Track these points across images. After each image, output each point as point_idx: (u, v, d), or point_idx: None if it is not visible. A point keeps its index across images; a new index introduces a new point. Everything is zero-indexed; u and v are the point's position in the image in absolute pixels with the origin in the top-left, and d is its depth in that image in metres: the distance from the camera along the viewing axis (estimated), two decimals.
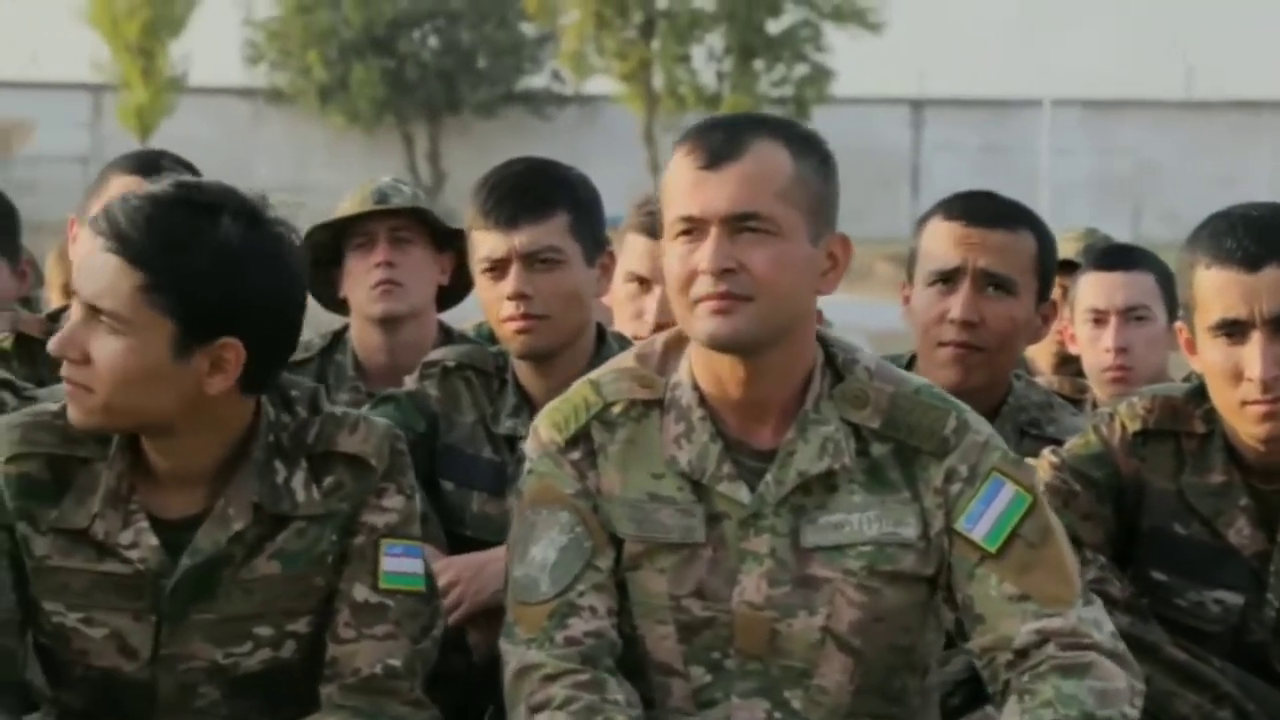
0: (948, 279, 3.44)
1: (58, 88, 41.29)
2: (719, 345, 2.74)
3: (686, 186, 2.72)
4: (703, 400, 2.79)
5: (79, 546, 2.79)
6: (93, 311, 2.69)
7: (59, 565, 2.79)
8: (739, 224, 2.70)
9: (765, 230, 2.69)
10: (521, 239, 3.46)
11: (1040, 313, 3.51)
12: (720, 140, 2.71)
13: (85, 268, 2.71)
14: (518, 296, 3.45)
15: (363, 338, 4.11)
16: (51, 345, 2.74)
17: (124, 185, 3.68)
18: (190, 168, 3.83)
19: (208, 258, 2.67)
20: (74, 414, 2.74)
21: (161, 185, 2.74)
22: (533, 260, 3.46)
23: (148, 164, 3.84)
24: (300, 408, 2.85)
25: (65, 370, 2.72)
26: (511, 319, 3.47)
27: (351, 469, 2.83)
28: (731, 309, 2.70)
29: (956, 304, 3.42)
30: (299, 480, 2.81)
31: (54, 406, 2.82)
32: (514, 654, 2.75)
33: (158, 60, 38.85)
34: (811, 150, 2.76)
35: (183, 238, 2.67)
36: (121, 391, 2.69)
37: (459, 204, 3.63)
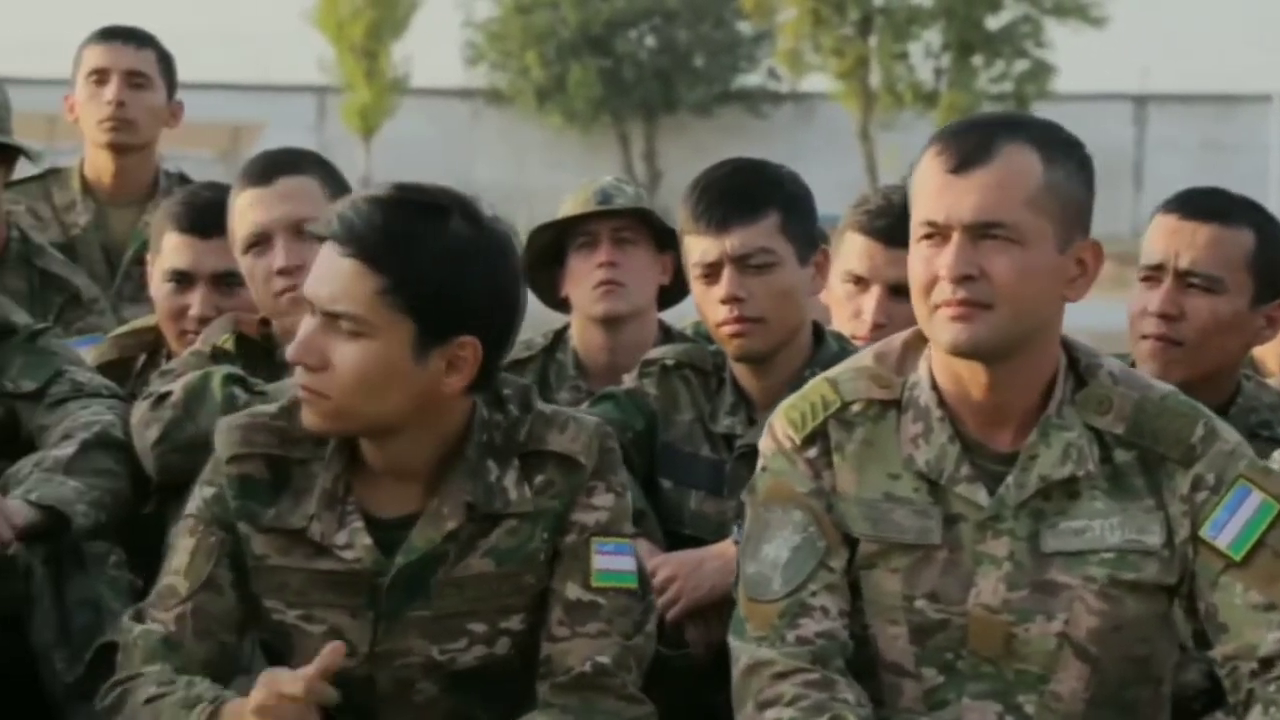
0: (1154, 272, 3.42)
1: (285, 90, 42.11)
2: (958, 352, 2.72)
3: (933, 189, 2.70)
4: (941, 401, 2.78)
5: (297, 545, 2.83)
6: (331, 317, 2.73)
7: (278, 564, 2.84)
8: (982, 231, 2.68)
9: (1009, 238, 2.66)
10: (733, 242, 3.47)
11: (1264, 313, 3.45)
12: (970, 143, 2.68)
13: (320, 274, 2.74)
14: (731, 300, 3.46)
15: (584, 337, 4.15)
16: (290, 353, 2.78)
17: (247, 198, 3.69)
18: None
19: (440, 255, 2.71)
20: (309, 419, 2.78)
21: (384, 188, 2.78)
22: (745, 263, 3.47)
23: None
24: (512, 406, 2.88)
25: (302, 377, 2.76)
26: (726, 322, 3.48)
27: (562, 467, 2.85)
28: (971, 316, 2.68)
29: (1155, 297, 3.39)
30: (511, 479, 2.84)
31: (273, 408, 2.87)
32: (744, 650, 2.75)
33: (380, 62, 39.47)
34: (1066, 155, 2.71)
35: (416, 237, 2.72)
36: (361, 396, 2.73)
37: (675, 203, 3.65)
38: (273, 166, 3.63)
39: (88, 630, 3.27)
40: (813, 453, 2.80)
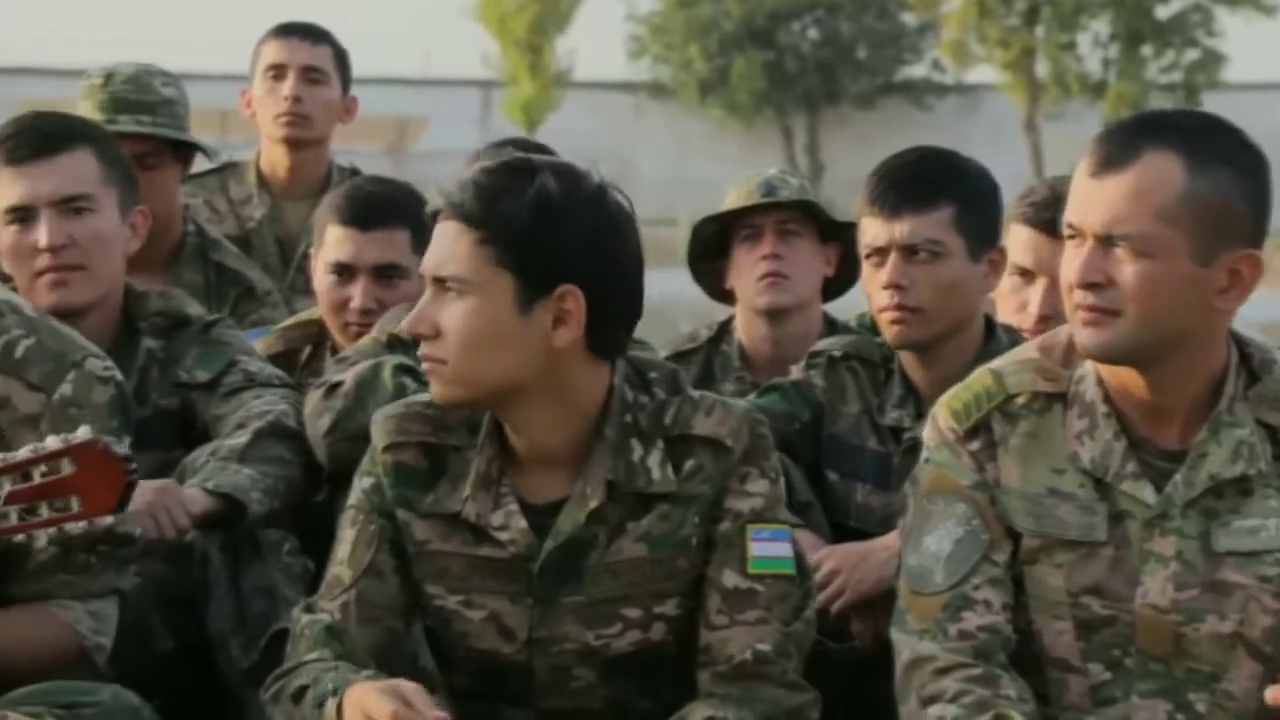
0: None
1: (450, 84, 42.44)
2: (1089, 356, 2.70)
3: (1076, 190, 2.68)
4: (1107, 397, 2.75)
5: (455, 530, 2.86)
6: (438, 283, 2.77)
7: (438, 549, 2.87)
8: (1109, 240, 2.64)
9: (1135, 250, 2.62)
10: (902, 229, 3.45)
11: None
12: (1112, 147, 2.65)
13: (431, 244, 2.80)
14: (893, 286, 3.45)
15: (748, 329, 4.16)
16: (404, 327, 2.83)
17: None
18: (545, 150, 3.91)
19: (529, 205, 2.73)
20: (435, 392, 2.81)
21: (488, 158, 2.84)
22: (911, 251, 3.45)
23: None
24: (659, 389, 2.88)
25: (421, 349, 2.80)
26: (886, 309, 3.47)
27: (710, 451, 2.84)
28: (1099, 322, 2.65)
29: None
30: (655, 459, 2.83)
31: (426, 397, 2.90)
32: (906, 644, 2.75)
33: (544, 56, 39.66)
34: (1221, 163, 2.64)
35: (506, 190, 2.74)
36: (473, 356, 2.75)
37: (838, 196, 3.63)
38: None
39: (262, 617, 3.32)
40: (976, 445, 2.79)
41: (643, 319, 2.87)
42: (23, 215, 3.51)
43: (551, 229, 2.74)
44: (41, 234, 3.48)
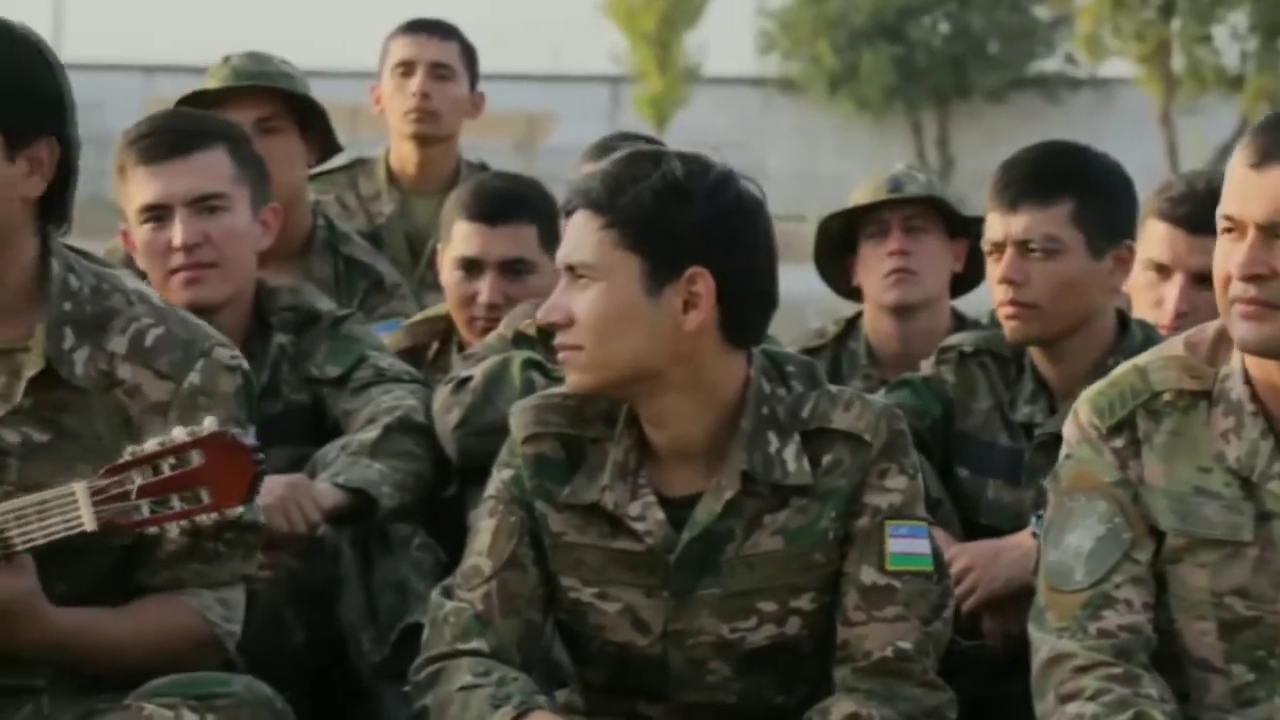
0: None
1: (578, 80, 42.55)
2: (1247, 349, 2.67)
3: (1235, 183, 2.65)
4: (1254, 395, 2.71)
5: (592, 522, 2.87)
6: (570, 271, 2.79)
7: (574, 541, 2.88)
8: (1275, 230, 2.61)
9: None
10: (1018, 224, 3.42)
11: None
12: (1273, 138, 2.62)
13: (565, 236, 2.83)
14: (1007, 282, 3.42)
15: (876, 325, 4.13)
16: (538, 317, 2.85)
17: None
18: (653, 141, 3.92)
19: (653, 188, 2.75)
20: (571, 380, 2.82)
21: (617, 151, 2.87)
22: (1026, 246, 3.42)
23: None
24: (796, 382, 2.88)
25: (557, 338, 2.82)
26: (1003, 304, 3.44)
27: (848, 445, 2.84)
28: (1261, 315, 2.62)
29: None
30: (791, 452, 2.83)
31: (564, 389, 2.91)
32: (1045, 641, 2.72)
33: (673, 51, 39.67)
34: None
35: (631, 176, 2.77)
36: (605, 340, 2.77)
37: (968, 190, 3.60)
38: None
39: (393, 611, 3.34)
40: (1119, 442, 2.75)
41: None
42: (158, 214, 3.55)
43: (676, 211, 2.76)
44: (176, 232, 3.52)
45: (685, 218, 2.76)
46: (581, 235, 2.79)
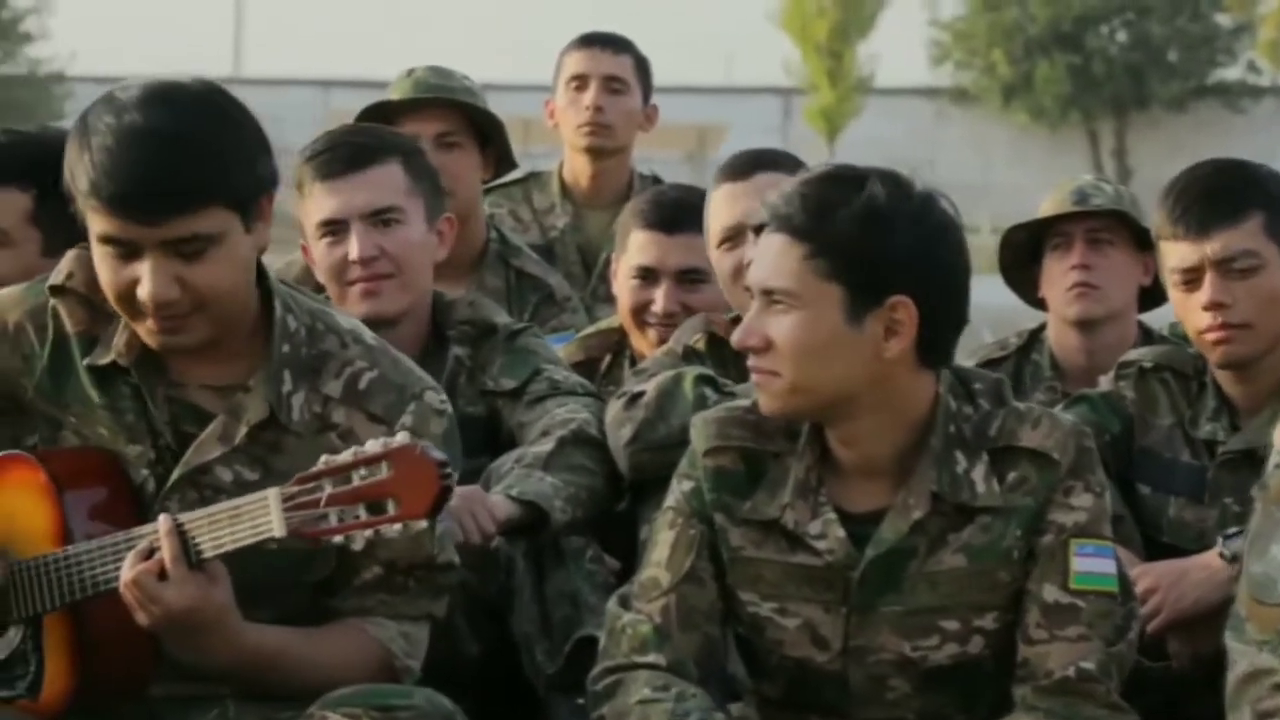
0: None
1: (749, 91, 42.56)
2: None
3: None
4: None
5: (771, 537, 2.86)
6: (767, 296, 2.77)
7: (753, 556, 2.87)
8: None
9: None
10: (1214, 246, 3.36)
11: None
12: None
13: (757, 256, 2.80)
14: (1215, 306, 3.36)
15: (1060, 338, 4.08)
16: (734, 339, 2.83)
17: (724, 193, 3.76)
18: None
19: (857, 217, 2.72)
20: (765, 403, 2.81)
21: (812, 168, 2.83)
22: (1227, 267, 3.36)
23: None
24: (983, 400, 2.85)
25: (751, 361, 2.80)
26: (1210, 329, 3.37)
27: (1035, 464, 2.80)
28: None
29: None
30: (979, 472, 2.81)
31: (746, 402, 2.90)
32: (1244, 655, 2.65)
33: (845, 62, 39.57)
34: None
35: (834, 203, 2.74)
36: (805, 368, 2.75)
37: (1146, 201, 3.56)
38: (751, 163, 3.72)
39: (567, 623, 3.35)
40: None
41: None
42: (334, 229, 3.58)
43: (881, 240, 2.73)
44: (352, 246, 3.56)
45: (890, 246, 2.73)
46: (780, 261, 2.76)
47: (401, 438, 2.58)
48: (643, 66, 5.13)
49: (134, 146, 2.63)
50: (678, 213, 3.89)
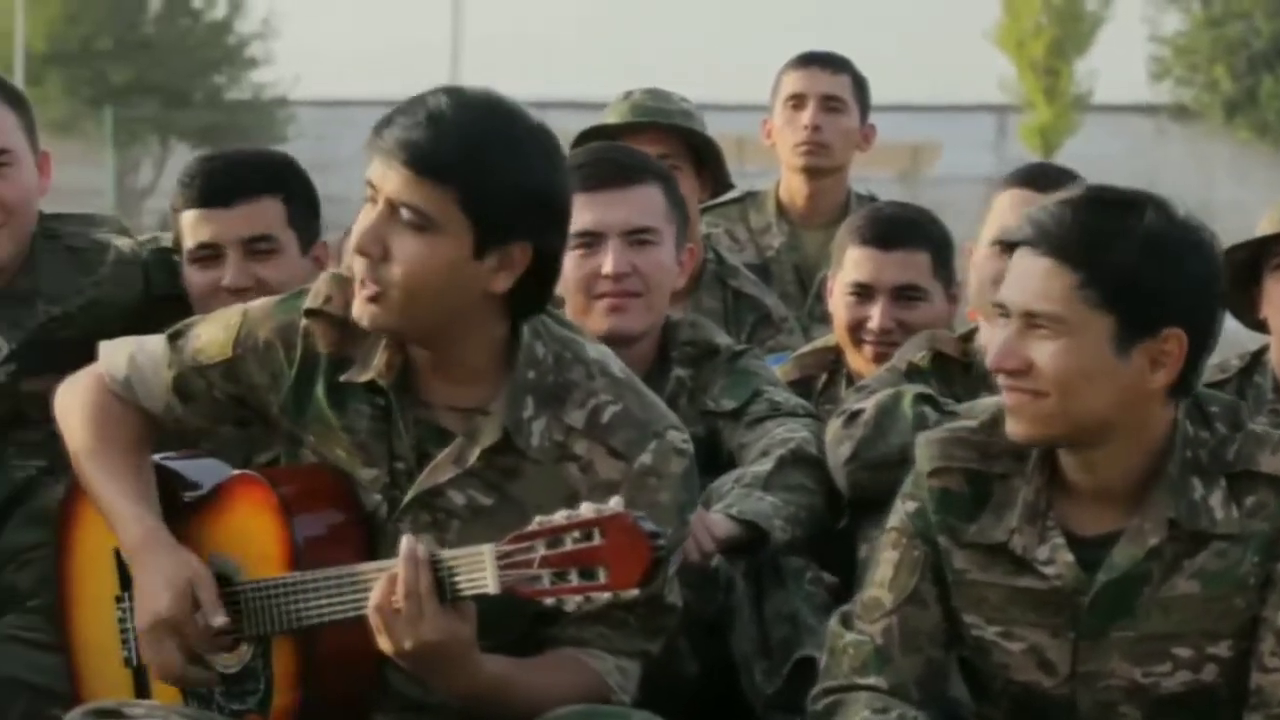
0: None
1: (964, 109, 42.20)
2: None
3: None
4: None
5: (996, 561, 2.83)
6: (1028, 318, 2.72)
7: (977, 579, 2.85)
8: None
9: None
10: None
11: None
12: None
13: (1017, 276, 2.75)
14: None
15: None
16: (991, 360, 2.78)
17: (1018, 198, 3.75)
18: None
19: (1136, 247, 2.68)
20: (1018, 427, 2.76)
21: (1076, 190, 2.79)
22: None
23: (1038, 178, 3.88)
24: (1219, 424, 2.81)
25: (1006, 382, 2.76)
26: None
27: (1274, 489, 2.77)
28: None
29: None
30: (1217, 498, 2.77)
31: (973, 422, 2.88)
32: None
33: (1062, 79, 39.10)
34: None
35: (1110, 231, 2.69)
36: (1067, 395, 2.70)
37: None
38: (1054, 178, 3.71)
39: (786, 643, 3.34)
40: None
41: None
42: (589, 241, 3.59)
43: (1159, 272, 2.70)
44: (608, 261, 3.57)
45: (1167, 279, 2.70)
46: (1048, 285, 2.71)
47: (615, 504, 2.57)
48: (860, 85, 5.12)
49: None
50: (895, 229, 3.88)
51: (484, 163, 2.68)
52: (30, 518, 3.60)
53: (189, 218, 3.64)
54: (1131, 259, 2.68)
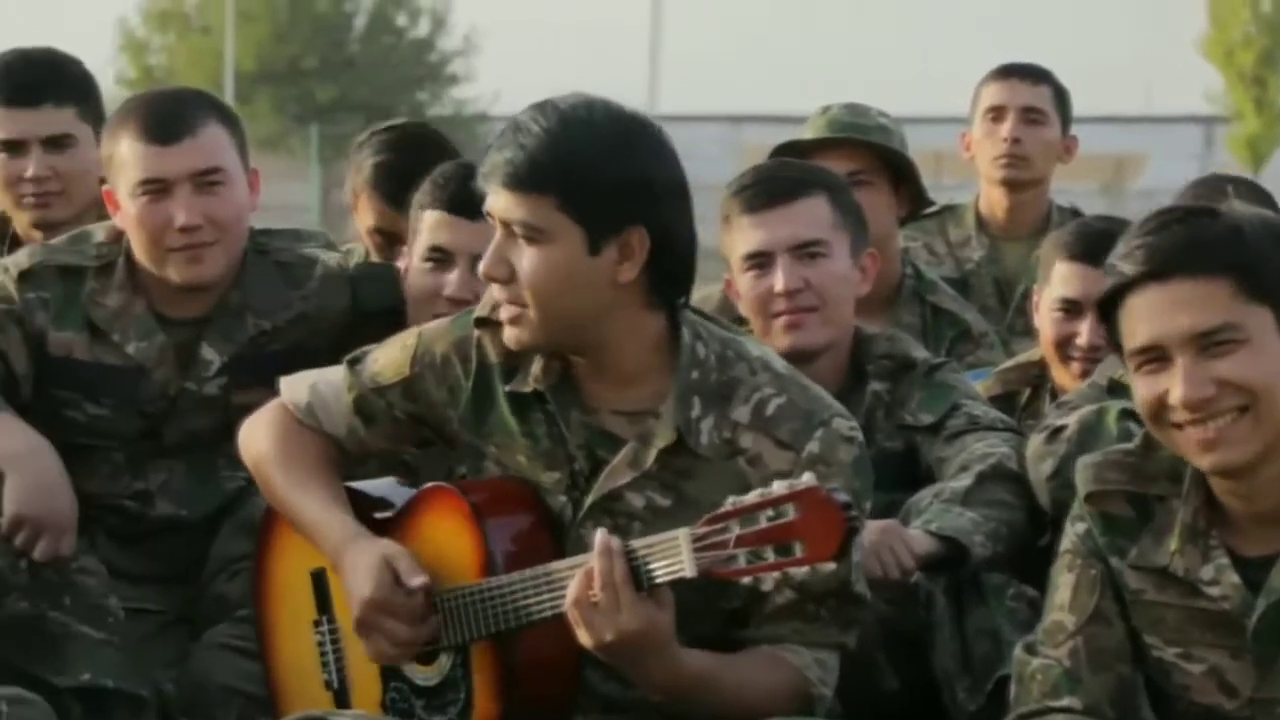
0: None
1: (1169, 120, 41.59)
2: None
3: None
4: None
5: (1168, 582, 2.79)
6: (1204, 338, 2.67)
7: (1153, 600, 2.81)
8: None
9: None
10: None
11: None
12: None
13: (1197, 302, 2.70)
14: None
15: None
16: (1187, 393, 2.73)
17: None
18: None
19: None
20: (1224, 456, 2.68)
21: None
22: None
23: None
24: None
25: (1214, 405, 2.69)
26: None
27: None
28: None
29: None
30: None
31: (1130, 445, 2.84)
32: None
33: (1271, 90, 38.37)
34: None
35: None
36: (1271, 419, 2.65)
37: None
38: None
39: (987, 660, 3.32)
40: None
41: None
42: (760, 262, 3.61)
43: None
44: (778, 278, 3.59)
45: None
46: (1229, 303, 2.66)
47: (808, 479, 2.59)
48: (1061, 97, 5.07)
49: None
50: (1103, 244, 3.82)
51: (572, 163, 2.76)
52: (240, 528, 3.68)
53: (431, 219, 3.69)
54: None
